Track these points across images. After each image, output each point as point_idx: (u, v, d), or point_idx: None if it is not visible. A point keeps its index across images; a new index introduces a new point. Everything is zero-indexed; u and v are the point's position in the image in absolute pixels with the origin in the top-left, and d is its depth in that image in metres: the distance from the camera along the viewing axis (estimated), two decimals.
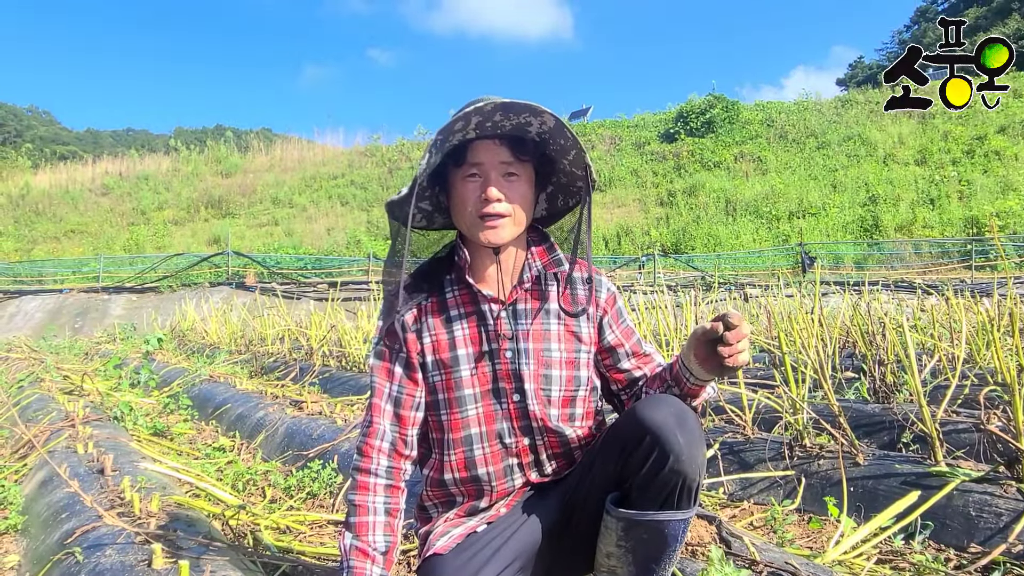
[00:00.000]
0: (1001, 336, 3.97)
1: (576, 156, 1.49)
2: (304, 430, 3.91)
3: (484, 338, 1.54)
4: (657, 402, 1.40)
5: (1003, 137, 26.56)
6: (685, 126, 32.12)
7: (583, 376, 1.58)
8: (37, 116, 65.81)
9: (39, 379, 6.24)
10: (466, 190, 1.49)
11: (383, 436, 1.53)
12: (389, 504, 1.52)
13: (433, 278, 1.58)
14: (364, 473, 1.52)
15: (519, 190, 1.50)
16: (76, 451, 3.31)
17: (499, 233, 1.48)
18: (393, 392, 1.55)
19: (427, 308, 1.56)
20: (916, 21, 49.36)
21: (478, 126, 1.43)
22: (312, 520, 2.77)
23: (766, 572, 1.79)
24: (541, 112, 1.41)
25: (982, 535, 2.26)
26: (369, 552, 1.47)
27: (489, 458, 1.54)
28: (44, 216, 28.61)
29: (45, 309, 16.48)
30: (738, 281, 17.52)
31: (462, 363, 1.53)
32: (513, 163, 1.49)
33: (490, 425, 1.54)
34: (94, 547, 2.03)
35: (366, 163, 33.76)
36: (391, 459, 1.53)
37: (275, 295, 11.53)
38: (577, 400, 1.57)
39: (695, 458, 1.35)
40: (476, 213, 1.48)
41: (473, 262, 1.57)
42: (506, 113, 1.41)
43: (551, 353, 1.54)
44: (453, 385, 1.53)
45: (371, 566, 1.46)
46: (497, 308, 1.54)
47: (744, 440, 3.27)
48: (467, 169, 1.49)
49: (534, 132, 1.48)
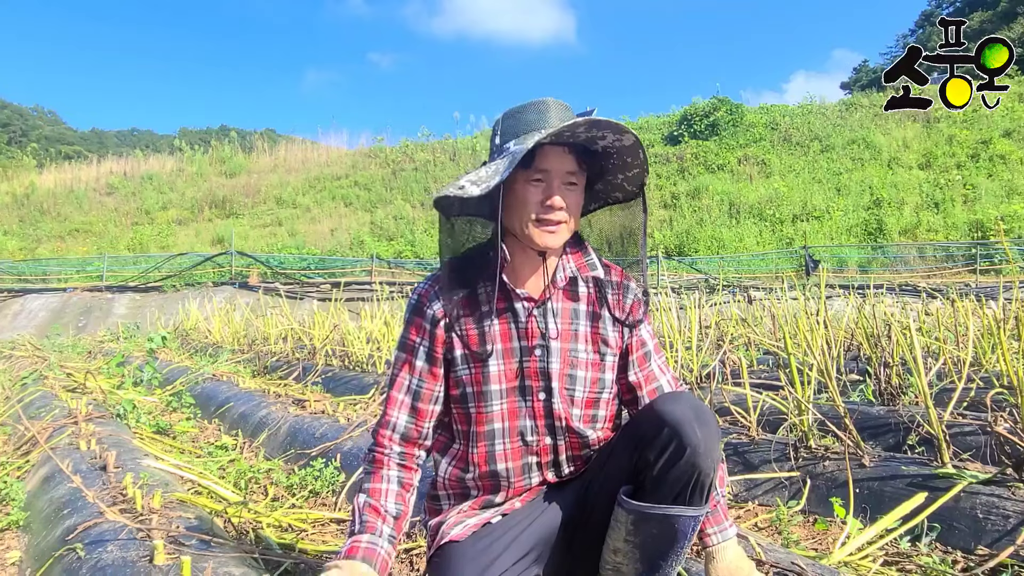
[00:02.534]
0: (1008, 339, 3.95)
1: (635, 175, 1.53)
2: (307, 429, 3.90)
3: (515, 335, 1.55)
4: (676, 397, 1.44)
5: (1008, 141, 26.49)
6: (689, 129, 32.10)
7: (607, 379, 1.60)
8: (42, 116, 66.06)
9: (42, 377, 6.25)
10: (528, 192, 1.50)
11: (395, 427, 1.57)
12: (403, 478, 1.57)
13: (467, 273, 1.59)
14: (378, 451, 1.58)
15: (576, 198, 1.53)
16: (79, 448, 3.30)
17: (556, 238, 1.51)
18: (412, 385, 1.58)
19: (459, 302, 1.57)
20: (921, 25, 49.28)
21: (557, 135, 1.43)
22: (314, 518, 2.76)
23: (772, 572, 1.78)
24: (624, 131, 1.43)
25: (989, 537, 2.24)
26: (381, 511, 1.51)
27: (509, 454, 1.56)
28: (49, 215, 28.70)
29: (49, 308, 16.52)
30: (742, 284, 17.49)
31: (492, 358, 1.55)
32: (576, 172, 1.51)
33: (513, 422, 1.55)
34: (96, 543, 2.02)
35: (370, 164, 33.80)
36: (403, 447, 1.58)
37: (278, 295, 11.54)
38: (601, 402, 1.59)
39: (711, 452, 1.37)
40: (536, 216, 1.49)
41: (512, 260, 1.58)
42: (590, 128, 1.43)
43: (578, 354, 1.56)
44: (481, 379, 1.55)
45: (382, 524, 1.49)
46: (530, 306, 1.56)
47: (749, 441, 3.25)
48: (533, 173, 1.49)
49: (600, 145, 1.50)
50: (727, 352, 5.24)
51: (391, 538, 1.49)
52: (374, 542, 1.46)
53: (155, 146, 47.77)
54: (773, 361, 5.46)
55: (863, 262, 22.29)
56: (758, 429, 3.33)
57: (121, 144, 58.39)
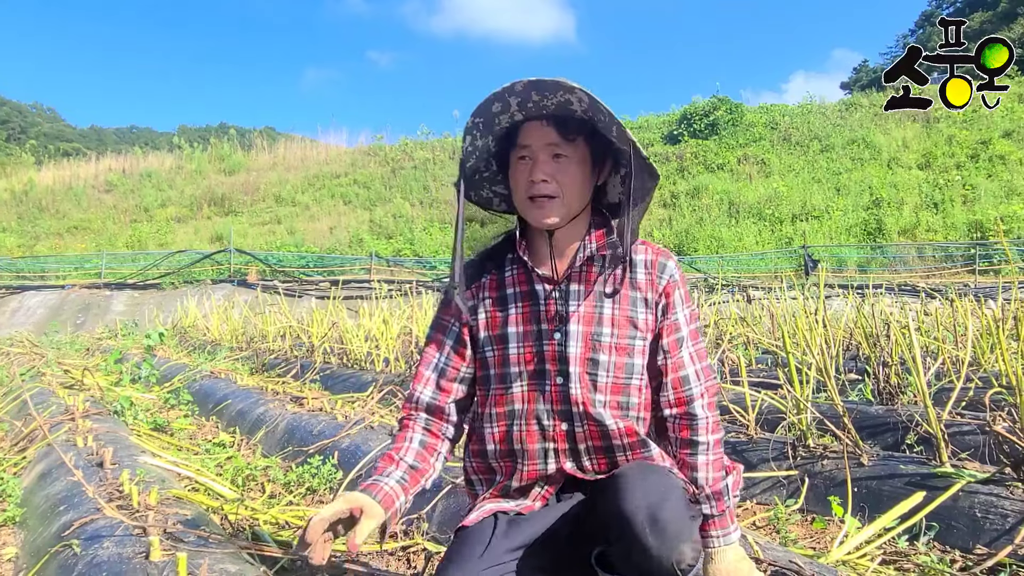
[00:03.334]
0: (1006, 339, 3.94)
1: (619, 132, 1.45)
2: (304, 426, 3.90)
3: (535, 318, 1.53)
4: (633, 486, 1.34)
5: (1008, 141, 26.49)
6: (689, 128, 32.10)
7: (636, 363, 1.53)
8: (41, 113, 66.00)
9: (40, 374, 6.24)
10: (517, 172, 1.51)
11: (419, 401, 1.60)
12: (425, 440, 1.58)
13: (496, 256, 1.60)
14: (404, 420, 1.60)
15: (568, 171, 1.48)
16: (75, 444, 3.29)
17: (546, 214, 1.48)
18: (440, 363, 1.60)
19: (485, 284, 1.58)
20: (921, 25, 49.29)
21: (521, 107, 1.42)
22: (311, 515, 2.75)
23: (770, 571, 1.77)
24: (572, 88, 1.38)
25: (988, 536, 2.23)
26: (395, 459, 1.52)
27: (525, 437, 1.53)
28: (47, 212, 28.66)
29: (47, 305, 16.50)
30: (741, 283, 17.48)
31: (512, 341, 1.54)
32: (561, 144, 1.47)
33: (531, 404, 1.53)
34: (92, 539, 2.01)
35: (369, 162, 33.77)
36: (428, 415, 1.60)
37: (277, 293, 11.54)
38: (631, 389, 1.52)
39: (670, 553, 1.28)
40: (526, 194, 1.49)
41: (530, 242, 1.57)
42: (541, 92, 1.40)
43: (601, 337, 1.51)
44: (502, 361, 1.55)
45: (393, 468, 1.50)
46: (550, 288, 1.54)
47: (747, 440, 3.25)
48: (518, 151, 1.50)
49: (579, 111, 1.45)
50: (726, 351, 5.24)
51: (401, 480, 1.49)
52: (378, 480, 1.47)
53: (154, 143, 47.71)
54: (772, 360, 5.46)
55: (862, 262, 22.29)
56: (756, 428, 3.33)
57: (120, 141, 58.33)
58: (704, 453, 1.51)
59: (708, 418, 1.53)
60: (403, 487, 1.48)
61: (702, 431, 1.52)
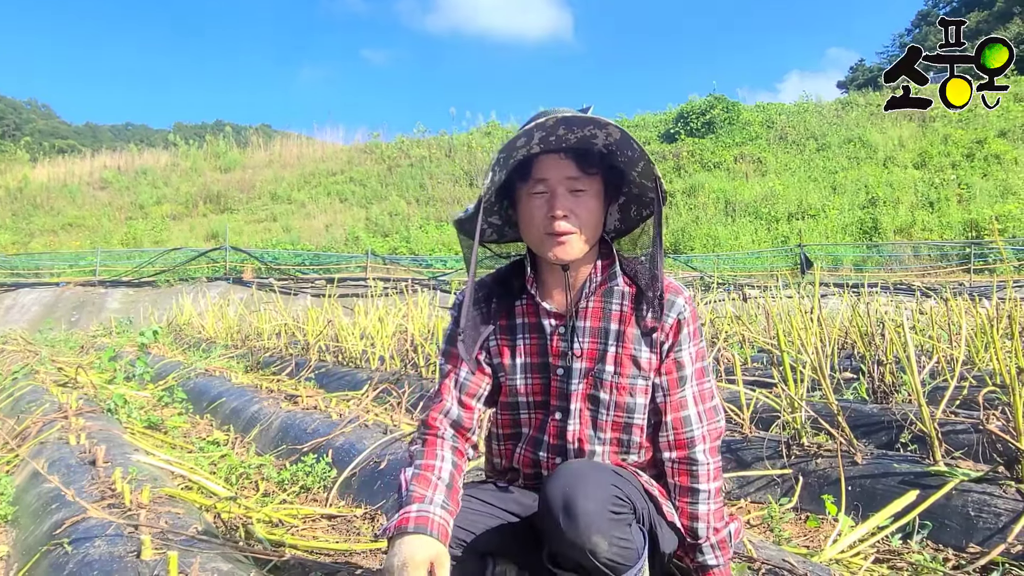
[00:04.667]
0: (1000, 338, 3.95)
1: (644, 168, 1.42)
2: (299, 424, 3.89)
3: (542, 351, 1.53)
4: (565, 472, 1.36)
5: (1003, 141, 26.56)
6: (685, 126, 32.11)
7: (638, 403, 1.50)
8: (36, 109, 65.71)
9: (33, 371, 6.21)
10: (532, 206, 1.46)
11: (448, 413, 1.54)
12: (455, 460, 1.49)
13: (506, 283, 1.58)
14: (430, 433, 1.52)
15: (586, 205, 1.45)
16: (68, 442, 3.28)
17: (567, 250, 1.44)
18: (460, 378, 1.55)
19: (495, 312, 1.56)
20: (917, 24, 49.34)
21: (542, 141, 1.39)
22: (305, 514, 2.74)
23: (763, 569, 1.77)
24: (605, 124, 1.36)
25: (981, 535, 2.24)
26: (432, 480, 1.41)
27: (522, 458, 1.58)
28: (42, 209, 28.54)
29: (41, 302, 16.43)
30: (737, 282, 17.50)
31: (519, 372, 1.55)
32: (580, 178, 1.44)
33: (533, 433, 1.57)
34: (83, 538, 2.00)
35: (366, 160, 33.70)
36: (456, 432, 1.54)
37: (272, 290, 11.51)
38: (633, 428, 1.52)
39: (582, 541, 1.28)
40: (544, 230, 1.44)
41: (540, 276, 1.55)
42: (569, 127, 1.37)
43: (604, 375, 1.50)
44: (508, 391, 1.57)
45: (432, 492, 1.39)
46: (556, 324, 1.52)
47: (742, 439, 3.25)
48: (533, 185, 1.45)
49: (600, 144, 1.43)
50: (721, 349, 5.24)
51: (444, 505, 1.38)
52: (425, 509, 1.34)
53: (149, 141, 47.54)
54: (767, 359, 5.46)
55: (858, 261, 22.33)
56: (751, 426, 3.33)
57: (115, 138, 58.12)
58: (705, 502, 1.50)
59: (710, 464, 1.51)
60: (448, 512, 1.39)
61: (703, 478, 1.50)
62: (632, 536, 1.34)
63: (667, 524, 1.50)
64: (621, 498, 1.33)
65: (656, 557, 1.48)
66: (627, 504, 1.35)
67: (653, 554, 1.46)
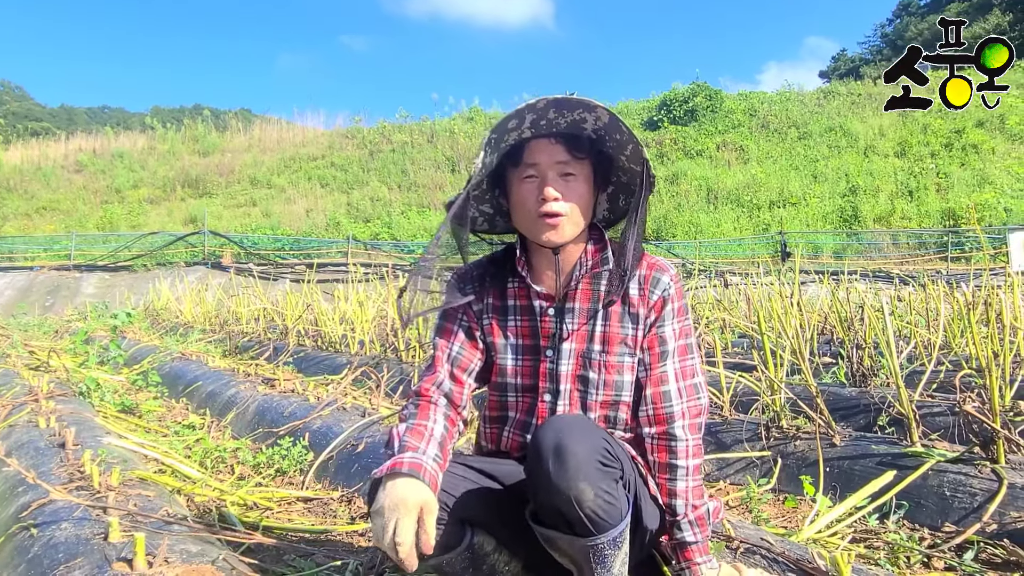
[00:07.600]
0: (977, 323, 3.99)
1: (633, 151, 1.47)
2: (276, 408, 3.84)
3: (532, 333, 1.55)
4: (556, 423, 1.34)
5: (981, 131, 26.89)
6: (668, 114, 32.12)
7: (626, 381, 1.53)
8: (9, 91, 64.26)
9: (5, 355, 6.08)
10: (524, 190, 1.48)
11: (441, 385, 1.54)
12: (447, 426, 1.49)
13: (499, 264, 1.60)
14: (423, 399, 1.51)
15: (577, 189, 1.47)
16: (38, 425, 3.21)
17: (559, 232, 1.46)
18: (453, 352, 1.56)
19: (489, 291, 1.58)
20: (898, 15, 49.72)
21: (533, 124, 1.42)
22: (280, 497, 2.71)
23: (742, 548, 1.77)
24: (595, 107, 1.39)
25: (956, 515, 2.25)
26: (426, 434, 1.42)
27: (510, 442, 1.59)
28: (15, 193, 27.98)
29: (15, 286, 16.13)
30: (719, 269, 17.59)
31: (509, 352, 1.56)
32: (570, 162, 1.46)
33: (521, 416, 1.58)
34: (49, 521, 1.95)
35: (347, 145, 33.37)
36: (448, 401, 1.54)
37: (251, 275, 11.38)
38: (620, 405, 1.55)
39: (568, 486, 1.26)
40: (535, 213, 1.46)
41: (531, 260, 1.56)
42: (560, 110, 1.39)
43: (592, 355, 1.52)
44: (498, 371, 1.58)
45: (426, 444, 1.39)
46: (547, 306, 1.54)
47: (722, 421, 3.26)
48: (524, 170, 1.47)
49: (589, 129, 1.46)
50: (703, 334, 5.25)
51: (436, 459, 1.38)
52: (418, 458, 1.34)
53: (126, 124, 46.74)
54: (748, 343, 5.49)
55: (838, 248, 22.55)
56: (731, 409, 3.34)
57: (91, 121, 56.99)
58: (684, 479, 1.50)
59: (689, 441, 1.50)
60: (439, 467, 1.38)
61: (682, 455, 1.50)
62: (618, 493, 1.32)
63: (651, 498, 1.50)
64: (611, 452, 1.33)
65: (638, 533, 1.46)
66: (616, 461, 1.34)
67: (636, 528, 1.44)
